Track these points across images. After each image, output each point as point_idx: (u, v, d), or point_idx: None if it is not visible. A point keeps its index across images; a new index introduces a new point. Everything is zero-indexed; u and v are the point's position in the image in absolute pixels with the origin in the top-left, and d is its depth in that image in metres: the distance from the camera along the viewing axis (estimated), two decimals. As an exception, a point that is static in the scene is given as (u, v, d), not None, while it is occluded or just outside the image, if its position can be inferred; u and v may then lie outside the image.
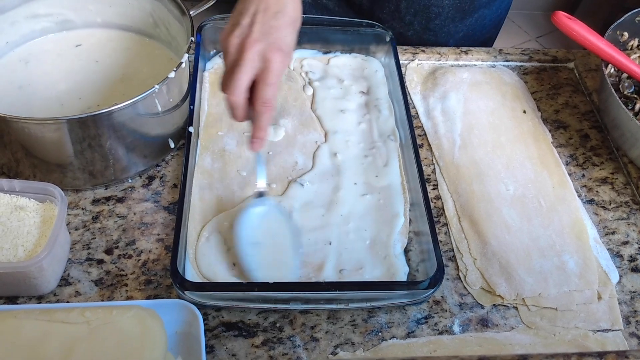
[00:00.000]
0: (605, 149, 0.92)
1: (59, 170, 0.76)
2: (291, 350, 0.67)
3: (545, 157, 0.88)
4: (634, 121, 0.81)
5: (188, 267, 0.71)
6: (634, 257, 0.79)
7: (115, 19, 0.91)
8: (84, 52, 0.90)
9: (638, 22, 0.96)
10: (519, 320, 0.71)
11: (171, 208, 0.78)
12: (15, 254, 0.66)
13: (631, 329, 0.72)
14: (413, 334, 0.69)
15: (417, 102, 0.95)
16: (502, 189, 0.83)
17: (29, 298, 0.68)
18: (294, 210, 0.77)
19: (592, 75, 1.02)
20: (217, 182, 0.79)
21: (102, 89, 0.85)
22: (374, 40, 0.97)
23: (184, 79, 0.82)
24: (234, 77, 0.65)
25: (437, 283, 0.66)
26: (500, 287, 0.73)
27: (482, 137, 0.89)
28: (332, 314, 0.70)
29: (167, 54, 0.90)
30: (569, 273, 0.74)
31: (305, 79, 0.94)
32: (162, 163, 0.83)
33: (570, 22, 0.85)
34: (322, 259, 0.72)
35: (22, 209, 0.69)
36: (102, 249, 0.73)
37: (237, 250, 0.70)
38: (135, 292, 0.70)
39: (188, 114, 0.82)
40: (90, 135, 0.72)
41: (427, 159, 0.88)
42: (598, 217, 0.83)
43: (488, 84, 0.97)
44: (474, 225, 0.79)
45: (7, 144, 0.74)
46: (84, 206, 0.77)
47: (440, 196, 0.83)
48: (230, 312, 0.69)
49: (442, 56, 1.01)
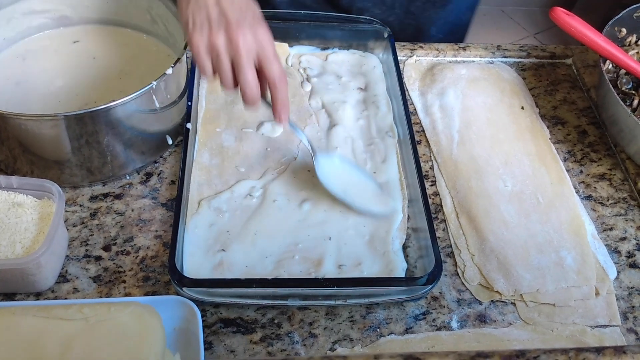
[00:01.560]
0: (603, 145, 0.92)
1: (57, 167, 0.76)
2: (289, 347, 0.67)
3: (543, 154, 0.88)
4: (632, 117, 0.82)
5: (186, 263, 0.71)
6: (632, 253, 0.79)
7: (112, 15, 0.91)
8: (82, 49, 0.89)
9: (636, 18, 0.96)
10: (517, 316, 0.71)
11: (169, 205, 0.78)
12: (13, 251, 0.66)
13: (629, 324, 0.72)
14: (411, 330, 0.69)
15: (415, 98, 0.95)
16: (500, 185, 0.83)
17: (27, 295, 0.68)
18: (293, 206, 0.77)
19: (590, 72, 1.02)
20: (215, 179, 0.79)
21: (99, 85, 0.85)
22: (372, 37, 0.97)
23: (182, 75, 0.82)
24: (242, 74, 0.64)
25: (435, 279, 0.66)
26: (498, 283, 0.73)
27: (480, 134, 0.89)
28: (331, 310, 0.70)
29: (164, 50, 0.90)
30: (566, 269, 0.74)
31: (303, 75, 0.94)
32: (160, 160, 0.83)
33: (568, 18, 0.85)
34: (321, 254, 0.72)
35: (20, 205, 0.69)
36: (100, 246, 0.73)
37: (343, 201, 0.74)
38: (133, 289, 0.70)
39: (186, 110, 0.82)
40: (88, 132, 0.72)
41: (425, 155, 0.88)
42: (596, 213, 0.83)
43: (486, 80, 0.97)
44: (472, 221, 0.79)
45: (5, 141, 0.74)
46: (82, 203, 0.77)
47: (438, 192, 0.83)
48: (228, 309, 0.69)
49: (440, 52, 1.01)
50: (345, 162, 0.80)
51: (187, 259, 0.70)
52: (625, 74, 0.92)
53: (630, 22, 0.95)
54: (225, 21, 0.63)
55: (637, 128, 0.82)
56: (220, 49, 0.64)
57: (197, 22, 0.64)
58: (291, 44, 0.98)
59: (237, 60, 0.64)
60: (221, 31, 0.63)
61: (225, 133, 0.84)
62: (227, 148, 0.83)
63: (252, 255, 0.72)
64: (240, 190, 0.78)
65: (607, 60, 0.89)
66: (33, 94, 0.83)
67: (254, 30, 0.64)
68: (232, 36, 0.63)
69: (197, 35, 0.64)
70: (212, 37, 0.64)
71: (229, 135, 0.84)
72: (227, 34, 0.63)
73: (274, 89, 0.67)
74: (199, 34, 0.64)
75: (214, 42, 0.64)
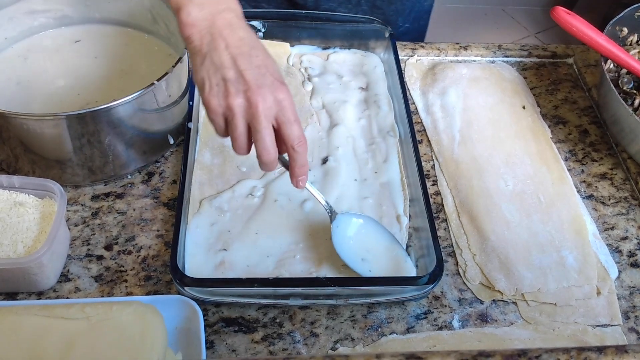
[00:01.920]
0: (604, 144, 0.92)
1: (58, 167, 0.76)
2: (291, 346, 0.67)
3: (544, 153, 0.88)
4: (633, 117, 0.82)
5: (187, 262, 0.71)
6: (633, 252, 0.79)
7: (113, 14, 0.91)
8: (83, 48, 0.90)
9: (637, 17, 0.95)
10: (518, 316, 0.71)
11: (171, 204, 0.78)
12: (15, 250, 0.66)
13: (630, 324, 0.72)
14: (412, 329, 0.69)
15: (417, 97, 0.95)
16: (501, 184, 0.83)
17: (29, 294, 0.68)
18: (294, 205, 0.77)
19: (592, 71, 1.02)
20: (216, 178, 0.79)
21: (101, 85, 0.85)
22: (373, 36, 0.97)
23: (183, 74, 0.82)
24: (260, 140, 0.60)
25: (437, 278, 0.66)
26: (499, 283, 0.73)
27: (482, 133, 0.89)
28: (332, 309, 0.70)
29: (166, 49, 0.90)
30: (568, 268, 0.74)
31: (304, 74, 0.94)
32: (162, 159, 0.83)
33: (569, 17, 0.85)
34: (322, 254, 0.72)
35: (22, 205, 0.69)
36: (101, 245, 0.73)
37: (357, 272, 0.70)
38: (135, 288, 0.70)
39: (187, 109, 0.82)
40: (89, 132, 0.72)
41: (427, 154, 0.88)
42: (597, 212, 0.83)
43: (487, 80, 0.97)
44: (473, 220, 0.79)
45: (6, 140, 0.74)
46: (84, 202, 0.77)
47: (439, 192, 0.83)
48: (230, 308, 0.69)
49: (442, 52, 1.01)
50: (368, 224, 0.74)
51: (188, 258, 0.70)
52: (626, 73, 0.92)
53: (632, 22, 0.95)
54: (244, 83, 0.60)
55: (639, 127, 0.82)
56: (237, 110, 0.60)
57: (214, 83, 0.61)
58: (292, 44, 0.98)
59: (255, 124, 0.60)
60: (240, 94, 0.60)
61: (226, 132, 0.84)
62: (229, 148, 0.82)
63: (253, 255, 0.72)
64: (241, 190, 0.78)
65: (608, 59, 0.89)
66: (34, 94, 0.83)
67: (274, 91, 0.60)
68: (251, 100, 0.59)
69: (213, 99, 0.61)
70: (230, 100, 0.60)
71: (230, 135, 0.84)
72: (246, 96, 0.60)
73: (293, 152, 0.63)
74: (215, 97, 0.61)
75: (232, 105, 0.60)
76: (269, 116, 0.60)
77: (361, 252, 0.72)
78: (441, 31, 2.49)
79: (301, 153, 0.63)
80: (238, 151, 0.63)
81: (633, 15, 0.95)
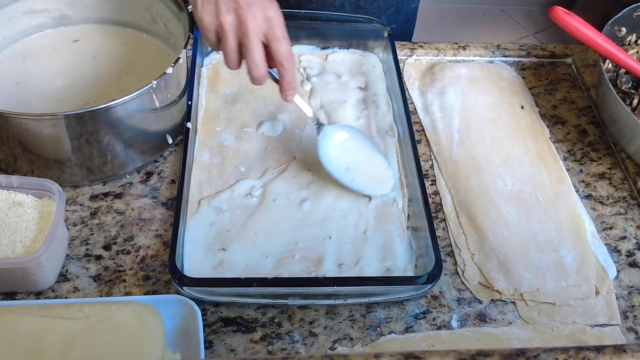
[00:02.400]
0: (603, 144, 0.92)
1: (57, 166, 0.76)
2: (290, 346, 0.67)
3: (543, 153, 0.88)
4: (631, 116, 0.82)
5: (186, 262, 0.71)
6: (632, 252, 0.79)
7: (112, 14, 0.91)
8: (81, 48, 0.90)
9: (636, 17, 0.96)
10: (517, 315, 0.71)
11: (169, 204, 0.78)
12: (14, 250, 0.66)
13: (628, 323, 0.72)
14: (411, 329, 0.69)
15: (415, 97, 0.95)
16: (500, 184, 0.83)
17: (28, 294, 0.68)
18: (293, 205, 0.77)
19: (590, 71, 1.02)
20: (215, 178, 0.79)
21: (99, 84, 0.85)
22: (372, 36, 0.97)
23: (182, 74, 0.82)
24: (250, 55, 0.64)
25: (435, 278, 0.66)
26: (498, 282, 0.73)
27: (480, 133, 0.89)
28: (331, 309, 0.70)
29: (164, 49, 0.90)
30: (566, 268, 0.74)
31: (303, 74, 0.94)
32: (160, 159, 0.83)
33: (568, 17, 0.86)
34: (321, 253, 0.72)
35: (20, 204, 0.69)
36: (100, 245, 0.73)
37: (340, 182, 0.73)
38: (133, 288, 0.70)
39: (186, 109, 0.82)
40: (88, 131, 0.72)
41: (425, 154, 0.88)
42: (596, 212, 0.83)
43: (486, 80, 0.97)
44: (472, 220, 0.79)
45: (5, 140, 0.74)
46: (82, 202, 0.77)
47: (438, 192, 0.83)
48: (228, 308, 0.69)
49: (440, 51, 1.01)
50: (355, 135, 0.78)
51: (187, 258, 0.70)
52: (624, 73, 0.92)
53: (630, 22, 0.96)
54: (234, 0, 0.63)
55: (637, 127, 0.82)
56: (227, 28, 0.63)
57: (205, 1, 0.64)
58: (291, 44, 0.98)
59: (245, 41, 0.63)
60: (230, 11, 0.63)
61: (225, 132, 0.84)
62: (227, 147, 0.83)
63: (252, 255, 0.72)
64: (240, 190, 0.78)
65: (606, 59, 0.89)
66: (33, 94, 0.83)
67: (263, 9, 0.63)
68: (241, 16, 0.62)
69: (205, 16, 0.64)
70: (221, 17, 0.63)
71: (229, 135, 0.84)
72: (237, 14, 0.63)
73: (282, 69, 0.67)
74: (207, 15, 0.63)
75: (223, 23, 0.63)
76: (259, 33, 0.63)
77: (346, 162, 0.75)
78: (440, 31, 2.49)
79: (289, 69, 0.67)
80: (229, 66, 0.67)
81: (631, 15, 0.95)
